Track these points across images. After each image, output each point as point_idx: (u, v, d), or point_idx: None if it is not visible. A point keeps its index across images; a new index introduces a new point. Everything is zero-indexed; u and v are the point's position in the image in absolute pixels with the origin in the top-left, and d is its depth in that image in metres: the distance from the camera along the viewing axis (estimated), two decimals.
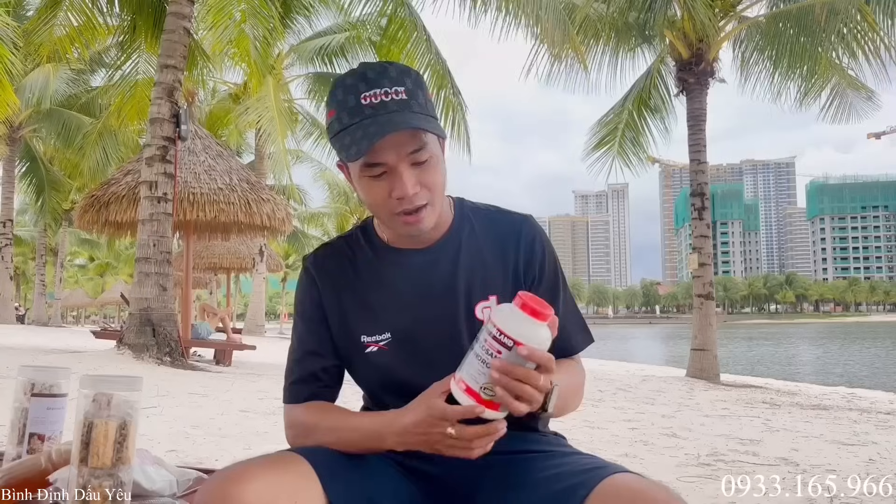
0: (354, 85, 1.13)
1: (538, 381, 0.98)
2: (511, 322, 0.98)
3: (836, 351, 30.10)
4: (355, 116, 1.12)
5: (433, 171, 1.16)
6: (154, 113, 9.09)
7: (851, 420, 6.14)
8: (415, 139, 1.12)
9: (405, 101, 1.12)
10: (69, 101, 20.66)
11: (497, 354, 0.97)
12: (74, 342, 13.91)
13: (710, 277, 10.89)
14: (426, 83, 1.20)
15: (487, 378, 0.98)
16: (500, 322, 0.98)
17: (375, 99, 1.11)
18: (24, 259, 43.90)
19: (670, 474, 3.45)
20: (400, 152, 1.12)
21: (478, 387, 0.99)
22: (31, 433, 1.23)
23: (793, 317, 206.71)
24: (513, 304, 0.99)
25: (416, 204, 1.14)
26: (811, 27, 10.17)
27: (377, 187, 1.15)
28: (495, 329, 0.98)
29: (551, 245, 1.31)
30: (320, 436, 1.18)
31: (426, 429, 1.05)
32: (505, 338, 0.97)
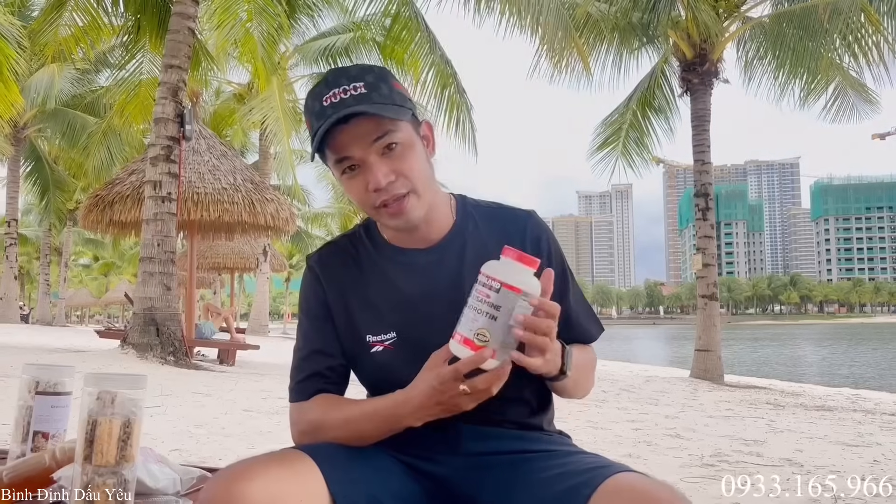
0: (319, 91, 1.15)
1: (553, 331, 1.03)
2: (501, 269, 1.02)
3: (840, 352, 30.02)
4: (320, 118, 1.13)
5: (407, 158, 1.16)
6: (158, 113, 9.11)
7: (856, 421, 6.12)
8: (377, 128, 1.13)
9: (364, 94, 1.13)
10: (74, 100, 20.70)
11: (486, 299, 1.01)
12: (78, 341, 13.94)
13: (714, 278, 10.88)
14: (393, 75, 1.20)
15: (480, 323, 1.00)
16: (490, 271, 1.03)
17: (335, 98, 1.13)
18: (29, 259, 44.06)
19: (674, 475, 3.44)
20: (363, 143, 1.13)
21: (472, 334, 1.01)
22: (36, 431, 1.23)
23: (797, 318, 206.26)
24: (503, 256, 1.04)
25: (393, 193, 1.15)
26: (814, 27, 10.15)
27: (355, 184, 1.16)
28: (486, 278, 1.02)
29: (556, 240, 1.31)
30: (331, 430, 1.17)
31: (440, 396, 1.06)
32: (491, 281, 1.01)
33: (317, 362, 1.25)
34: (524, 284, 1.01)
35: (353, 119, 1.11)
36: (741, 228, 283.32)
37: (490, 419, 1.21)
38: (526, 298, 1.01)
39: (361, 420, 1.16)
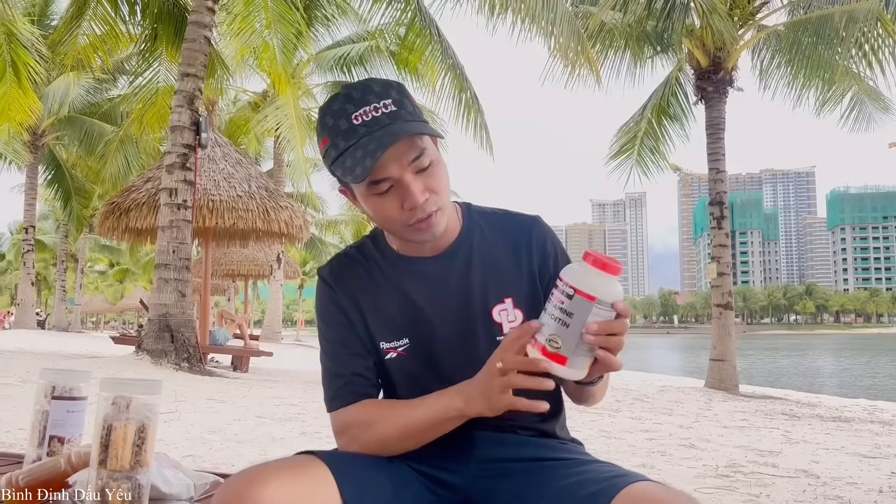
0: (342, 108, 1.12)
1: (625, 329, 1.02)
2: (577, 275, 1.00)
3: (856, 362, 29.71)
4: (351, 138, 1.11)
5: (437, 175, 1.16)
6: (174, 121, 9.19)
7: (873, 432, 6.05)
8: (414, 147, 1.12)
9: (395, 111, 1.12)
10: (91, 108, 20.93)
11: (560, 305, 1.00)
12: (94, 347, 14.05)
13: (730, 287, 10.80)
14: (407, 88, 1.20)
15: (552, 329, 1.00)
16: (567, 276, 1.01)
17: (367, 116, 1.11)
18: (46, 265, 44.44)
19: (688, 486, 3.41)
20: (402, 163, 1.11)
21: (545, 340, 1.00)
22: (52, 436, 1.24)
23: (813, 327, 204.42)
24: (582, 261, 1.02)
25: (427, 211, 1.14)
26: (830, 36, 10.08)
27: (387, 203, 1.14)
28: (562, 283, 1.01)
29: (562, 244, 1.31)
30: (381, 429, 1.16)
31: (484, 378, 1.06)
32: (566, 287, 1.00)
33: (352, 364, 1.23)
34: (600, 291, 0.99)
35: (394, 142, 1.09)
36: (756, 237, 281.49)
37: (503, 425, 1.21)
38: (601, 306, 0.99)
39: (415, 410, 1.15)
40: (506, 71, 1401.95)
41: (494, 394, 1.05)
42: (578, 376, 1.03)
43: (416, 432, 1.15)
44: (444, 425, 1.14)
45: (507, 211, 1.34)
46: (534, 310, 1.22)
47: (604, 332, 0.99)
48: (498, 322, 1.22)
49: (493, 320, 1.22)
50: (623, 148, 12.72)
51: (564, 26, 9.22)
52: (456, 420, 1.12)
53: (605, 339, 1.00)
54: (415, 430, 1.14)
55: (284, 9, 9.58)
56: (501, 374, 1.03)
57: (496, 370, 1.04)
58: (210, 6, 9.40)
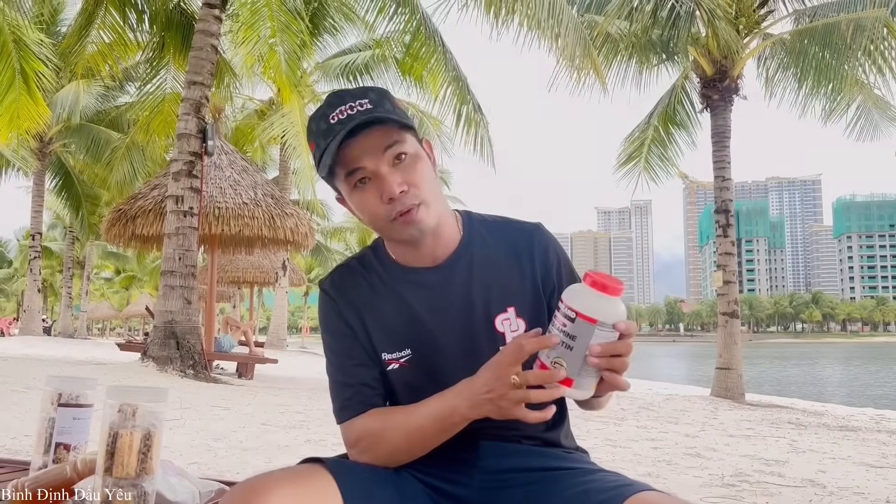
0: (323, 112, 1.17)
1: (630, 350, 1.02)
2: (578, 297, 1.00)
3: (863, 371, 29.55)
4: (328, 136, 1.14)
5: (416, 168, 1.17)
6: (181, 128, 9.23)
7: (880, 442, 6.01)
8: (386, 136, 1.14)
9: (370, 108, 1.15)
10: (98, 116, 21.04)
11: (563, 328, 0.99)
12: (99, 354, 14.07)
13: (735, 295, 10.77)
14: (392, 95, 1.22)
15: (557, 352, 1.00)
16: (568, 299, 1.00)
17: (342, 115, 1.14)
18: (52, 272, 44.59)
19: (694, 495, 3.40)
20: (375, 153, 1.14)
21: (549, 361, 1.00)
22: (58, 443, 1.24)
23: (819, 336, 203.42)
24: (583, 283, 1.01)
25: (406, 203, 1.15)
26: (836, 44, 10.06)
27: (367, 196, 1.16)
28: (564, 306, 1.00)
29: (564, 251, 1.31)
30: (390, 438, 1.16)
31: (494, 384, 1.05)
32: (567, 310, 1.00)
33: (359, 375, 1.23)
34: (601, 314, 0.98)
35: (363, 131, 1.12)
36: (762, 245, 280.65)
37: (508, 435, 1.21)
38: (603, 328, 0.98)
39: (416, 420, 1.14)
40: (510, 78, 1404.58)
41: (508, 405, 1.04)
42: (585, 396, 1.03)
43: (423, 439, 1.15)
44: (449, 430, 1.13)
45: (509, 219, 1.34)
46: (537, 318, 1.22)
47: (607, 353, 0.99)
48: (501, 331, 1.22)
49: (496, 330, 1.22)
50: (631, 156, 12.72)
51: (570, 33, 9.23)
52: (461, 424, 1.12)
53: (609, 361, 1.00)
54: (421, 437, 1.14)
55: (290, 19, 9.62)
56: (516, 387, 1.03)
57: (510, 382, 1.03)
58: (217, 15, 9.46)
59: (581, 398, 1.03)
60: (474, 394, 1.08)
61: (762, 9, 11.27)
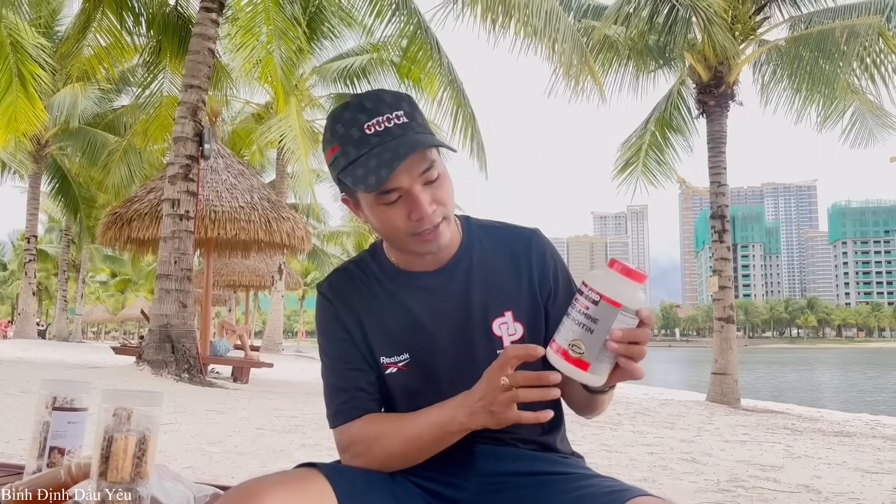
0: (354, 117, 1.12)
1: (648, 339, 1.01)
2: (603, 281, 1.00)
3: (858, 377, 29.59)
4: (363, 147, 1.11)
5: (444, 188, 1.16)
6: (178, 132, 9.22)
7: (875, 448, 6.02)
8: (424, 159, 1.12)
9: (407, 123, 1.12)
10: (95, 119, 21.01)
11: (584, 310, 0.99)
12: (94, 357, 14.03)
13: (731, 300, 10.79)
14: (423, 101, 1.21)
15: (576, 335, 0.99)
16: (592, 282, 1.00)
17: (379, 126, 1.11)
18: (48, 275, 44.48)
19: (689, 500, 3.40)
20: (412, 174, 1.11)
21: (567, 345, 1.00)
22: (52, 447, 1.23)
23: (814, 341, 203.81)
24: (608, 267, 1.01)
25: (434, 222, 1.15)
26: (831, 50, 10.11)
27: (394, 213, 1.14)
28: (587, 288, 1.00)
29: (561, 257, 1.31)
30: (385, 444, 1.16)
31: (485, 391, 1.04)
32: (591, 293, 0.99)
33: (355, 380, 1.23)
34: (625, 298, 0.99)
35: (411, 155, 1.09)
36: (758, 251, 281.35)
37: (504, 439, 1.21)
38: (626, 313, 0.99)
39: (417, 427, 1.14)
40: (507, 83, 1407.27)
41: (499, 408, 1.04)
42: (598, 382, 1.02)
43: (420, 448, 1.14)
44: (446, 439, 1.13)
45: (507, 224, 1.34)
46: (534, 323, 1.22)
47: (627, 339, 0.99)
48: (498, 335, 1.22)
49: (494, 334, 1.22)
50: (629, 161, 12.75)
51: (568, 41, 9.25)
52: (458, 434, 1.12)
53: (628, 348, 0.99)
54: (418, 446, 1.14)
55: (287, 25, 9.63)
56: (505, 389, 1.03)
57: (499, 385, 1.03)
58: (214, 19, 9.46)
59: (595, 384, 1.03)
60: (470, 403, 1.08)
61: (758, 15, 11.32)
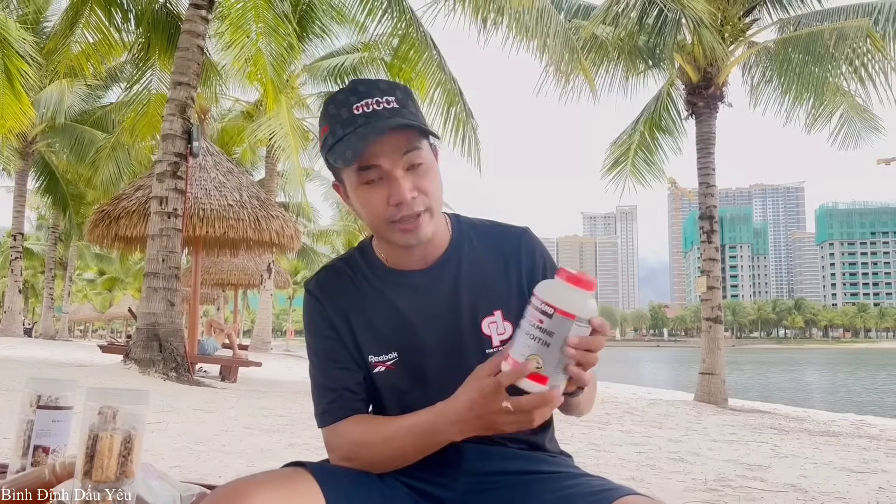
0: (346, 98, 1.14)
1: (602, 346, 1.00)
2: (555, 292, 0.98)
3: (845, 377, 29.82)
4: (349, 126, 1.12)
5: (429, 177, 1.16)
6: (166, 129, 9.17)
7: (861, 447, 6.07)
8: (408, 141, 1.13)
9: (396, 108, 1.13)
10: (82, 115, 20.87)
11: (539, 324, 0.97)
12: (81, 356, 13.94)
13: (719, 301, 10.84)
14: (417, 98, 1.21)
15: (532, 349, 0.97)
16: (544, 295, 0.98)
17: (367, 108, 1.12)
18: (34, 272, 44.16)
19: (677, 499, 3.41)
20: (394, 156, 1.12)
21: (523, 360, 0.97)
22: (36, 445, 1.22)
23: (801, 342, 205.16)
24: (557, 277, 0.99)
25: (414, 209, 1.14)
26: (819, 52, 10.18)
27: (374, 195, 1.14)
28: (539, 302, 0.98)
29: (550, 256, 1.31)
30: (372, 450, 1.15)
31: (480, 409, 1.02)
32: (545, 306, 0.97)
33: (342, 379, 1.22)
34: (578, 308, 0.96)
35: (390, 133, 1.11)
36: (746, 252, 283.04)
37: (491, 437, 1.21)
38: (580, 323, 0.97)
39: (404, 435, 1.13)
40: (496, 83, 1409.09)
41: (504, 428, 1.03)
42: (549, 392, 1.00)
43: (404, 455, 1.14)
44: (434, 447, 1.13)
45: (497, 222, 1.34)
46: None
47: (583, 348, 0.97)
48: (487, 334, 1.21)
49: (483, 333, 1.21)
50: (617, 160, 12.79)
51: (558, 38, 9.26)
52: (446, 442, 1.12)
53: (584, 355, 0.98)
54: (402, 453, 1.14)
55: (277, 21, 9.59)
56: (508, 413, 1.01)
57: (501, 408, 1.00)
58: (204, 16, 9.41)
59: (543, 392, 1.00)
60: (460, 420, 1.06)
61: (747, 17, 11.38)
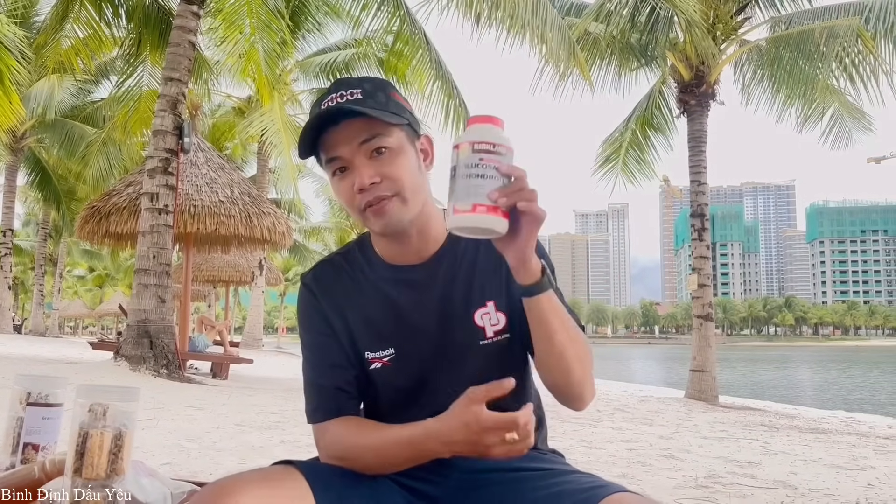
0: (320, 98, 1.19)
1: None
2: (489, 133, 1.00)
3: (834, 375, 30.00)
4: (315, 121, 1.15)
5: (395, 163, 1.16)
6: (157, 125, 9.13)
7: (850, 444, 6.11)
8: (366, 130, 1.15)
9: (359, 99, 1.15)
10: (72, 111, 20.75)
11: (494, 164, 0.99)
12: (71, 353, 13.88)
13: (710, 299, 10.88)
14: (393, 87, 1.22)
15: (494, 185, 0.98)
16: (491, 137, 1.00)
17: (332, 102, 1.16)
18: (24, 269, 43.90)
19: (668, 496, 3.42)
20: (352, 144, 1.15)
21: (488, 198, 0.98)
22: (26, 443, 1.22)
23: (791, 339, 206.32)
24: (478, 124, 1.02)
25: (376, 194, 1.15)
26: (810, 51, 10.22)
27: (343, 185, 1.17)
28: (487, 144, 0.99)
29: (543, 247, 1.30)
30: (364, 457, 1.15)
31: (474, 437, 1.02)
32: (497, 147, 0.99)
33: (334, 377, 1.22)
34: (508, 141, 1.01)
35: (344, 120, 1.14)
36: (737, 249, 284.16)
37: None
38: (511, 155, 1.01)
39: (393, 447, 1.12)
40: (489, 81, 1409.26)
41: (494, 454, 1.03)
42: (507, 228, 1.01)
43: (396, 466, 1.14)
44: (424, 459, 1.12)
45: None
46: (516, 312, 1.22)
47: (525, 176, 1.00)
48: (480, 326, 1.22)
49: (476, 324, 1.22)
50: (609, 158, 12.82)
51: (554, 31, 9.24)
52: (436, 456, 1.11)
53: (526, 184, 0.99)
54: (393, 461, 1.14)
55: (270, 17, 9.56)
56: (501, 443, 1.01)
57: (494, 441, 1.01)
58: (195, 11, 9.37)
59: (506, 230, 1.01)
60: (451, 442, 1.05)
61: (739, 15, 11.40)
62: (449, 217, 0.99)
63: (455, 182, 0.99)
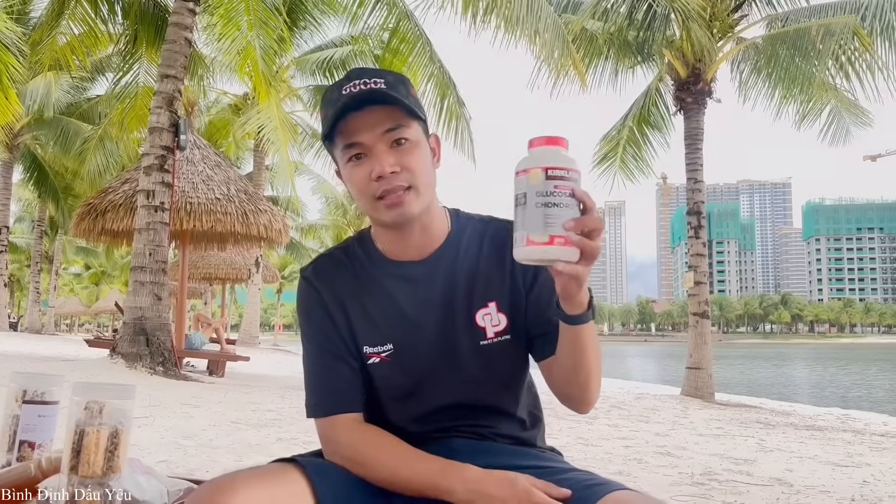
0: (339, 84, 1.19)
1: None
2: (561, 158, 0.97)
3: (830, 372, 30.08)
4: (336, 104, 1.15)
5: (413, 154, 1.16)
6: (153, 122, 9.10)
7: (845, 441, 6.13)
8: (390, 119, 1.15)
9: (383, 89, 1.15)
10: (69, 108, 20.67)
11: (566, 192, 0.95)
12: (67, 350, 13.85)
13: (706, 296, 10.90)
14: (410, 83, 1.22)
15: (568, 215, 0.95)
16: (564, 162, 0.97)
17: (354, 88, 1.15)
18: (20, 266, 43.80)
19: (664, 493, 3.43)
20: (375, 131, 1.14)
21: (561, 230, 0.95)
22: (22, 441, 1.21)
23: (787, 337, 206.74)
24: (544, 146, 0.99)
25: (394, 184, 1.15)
26: (807, 49, 10.23)
27: (358, 171, 1.16)
28: (561, 170, 0.96)
29: None
30: (377, 471, 1.13)
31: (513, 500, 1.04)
32: (570, 173, 0.96)
33: (337, 370, 1.21)
34: (574, 163, 0.98)
35: (368, 107, 1.13)
36: (733, 247, 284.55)
37: (482, 432, 1.21)
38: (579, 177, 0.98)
39: (407, 471, 1.12)
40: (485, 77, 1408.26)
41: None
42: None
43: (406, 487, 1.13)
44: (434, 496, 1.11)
45: (494, 217, 1.34)
46: (518, 314, 1.22)
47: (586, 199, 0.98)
48: (481, 326, 1.21)
49: (477, 324, 1.22)
50: (606, 155, 12.83)
51: (549, 30, 9.24)
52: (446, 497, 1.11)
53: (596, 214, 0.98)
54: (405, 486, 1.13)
55: (267, 14, 9.53)
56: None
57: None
58: (191, 8, 9.35)
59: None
60: (482, 494, 1.06)
61: (736, 13, 11.41)
62: (519, 247, 0.97)
63: (527, 210, 0.96)
